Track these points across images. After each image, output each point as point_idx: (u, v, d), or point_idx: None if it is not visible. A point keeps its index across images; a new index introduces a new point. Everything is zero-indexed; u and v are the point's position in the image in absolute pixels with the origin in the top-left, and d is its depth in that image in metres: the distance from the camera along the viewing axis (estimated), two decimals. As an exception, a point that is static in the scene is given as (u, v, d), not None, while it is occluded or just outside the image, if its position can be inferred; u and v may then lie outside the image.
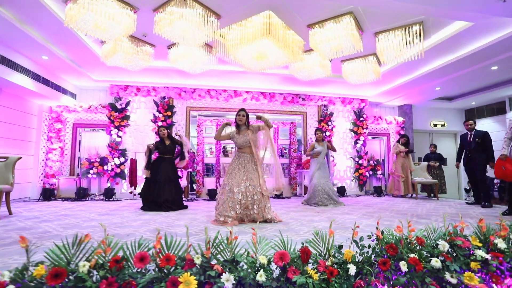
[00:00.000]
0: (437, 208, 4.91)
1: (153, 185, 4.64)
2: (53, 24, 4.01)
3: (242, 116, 3.77)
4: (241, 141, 3.72)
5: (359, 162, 7.44)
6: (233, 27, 4.21)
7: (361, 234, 2.81)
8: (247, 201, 3.51)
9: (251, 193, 3.53)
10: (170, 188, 4.66)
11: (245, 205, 3.51)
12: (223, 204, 3.52)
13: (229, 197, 3.51)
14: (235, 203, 3.47)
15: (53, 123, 6.22)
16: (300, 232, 3.02)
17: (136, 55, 4.78)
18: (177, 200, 4.71)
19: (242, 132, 3.77)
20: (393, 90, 6.98)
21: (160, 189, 4.59)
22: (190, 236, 2.79)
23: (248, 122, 3.84)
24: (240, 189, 3.51)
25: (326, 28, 4.26)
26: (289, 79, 6.36)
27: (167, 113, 6.52)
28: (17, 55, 4.68)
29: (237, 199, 3.47)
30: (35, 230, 3.02)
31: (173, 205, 4.60)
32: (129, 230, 3.05)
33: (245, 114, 3.80)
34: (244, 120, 3.77)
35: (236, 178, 3.58)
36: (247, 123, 3.81)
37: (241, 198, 3.49)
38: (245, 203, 3.51)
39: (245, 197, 3.51)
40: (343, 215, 4.21)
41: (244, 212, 3.55)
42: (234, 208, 3.47)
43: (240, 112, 3.78)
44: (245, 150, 3.74)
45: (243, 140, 3.71)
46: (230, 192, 3.53)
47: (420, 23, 4.20)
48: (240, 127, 3.80)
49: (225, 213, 3.46)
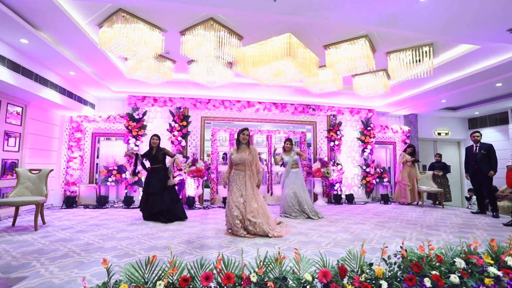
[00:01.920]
0: (444, 218, 5.16)
1: (147, 196, 4.70)
2: (85, 45, 4.26)
3: (247, 135, 3.97)
4: (237, 158, 3.93)
5: (366, 170, 7.70)
6: (253, 45, 4.47)
7: (378, 246, 3.06)
8: (244, 217, 3.73)
9: (245, 209, 3.75)
10: (163, 197, 4.61)
11: (243, 220, 3.74)
12: (228, 219, 3.81)
13: (229, 212, 3.80)
14: (234, 219, 3.72)
15: (74, 132, 6.47)
16: (322, 244, 3.27)
17: (158, 70, 5.03)
18: (172, 209, 4.63)
19: (240, 150, 3.98)
20: (400, 102, 7.24)
21: (153, 200, 4.60)
22: (222, 249, 3.04)
23: (249, 141, 4.07)
24: (236, 205, 3.76)
25: (341, 48, 4.52)
26: (300, 91, 6.61)
27: (183, 122, 6.77)
28: (47, 71, 4.94)
29: (235, 215, 3.72)
30: (77, 242, 3.27)
31: (169, 215, 4.57)
32: (163, 242, 3.30)
33: (249, 134, 4.03)
34: (247, 139, 3.99)
35: (232, 195, 3.85)
36: (248, 142, 4.03)
37: (237, 214, 3.73)
38: (242, 218, 3.74)
39: (240, 214, 3.74)
40: (356, 225, 4.46)
41: (246, 226, 3.76)
42: (235, 223, 3.71)
43: (245, 132, 4.00)
44: (239, 168, 3.94)
45: (239, 157, 3.91)
46: (228, 208, 3.83)
47: (430, 45, 4.45)
48: (240, 145, 4.01)
49: (233, 227, 3.73)
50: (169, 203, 4.63)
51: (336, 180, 7.43)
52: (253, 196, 3.84)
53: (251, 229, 3.69)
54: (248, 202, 3.77)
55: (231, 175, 3.97)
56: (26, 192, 4.14)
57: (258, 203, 3.84)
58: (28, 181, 4.22)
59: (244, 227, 3.73)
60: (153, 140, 4.92)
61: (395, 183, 7.13)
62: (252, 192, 3.84)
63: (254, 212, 3.74)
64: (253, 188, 3.87)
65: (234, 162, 3.95)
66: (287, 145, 5.49)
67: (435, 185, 6.95)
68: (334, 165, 7.45)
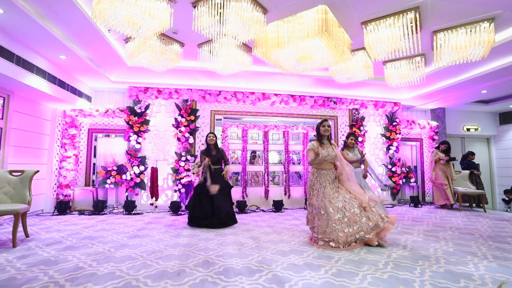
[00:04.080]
0: (498, 225, 4.41)
1: (205, 199, 4.19)
2: (78, 20, 3.52)
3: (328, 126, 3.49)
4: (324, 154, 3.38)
5: (392, 170, 6.95)
6: (277, 24, 3.74)
7: (451, 267, 2.25)
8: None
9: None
10: (225, 200, 4.29)
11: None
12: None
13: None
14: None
15: (67, 128, 5.72)
16: (378, 265, 2.50)
17: (164, 55, 4.28)
18: (231, 213, 4.33)
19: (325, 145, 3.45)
20: (431, 94, 6.49)
21: (214, 203, 4.16)
22: (253, 274, 2.30)
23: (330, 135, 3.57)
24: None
25: (383, 26, 3.78)
26: (321, 81, 5.87)
27: (190, 117, 6.03)
28: (32, 54, 4.19)
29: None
30: (62, 265, 2.52)
31: (227, 218, 4.22)
32: (175, 265, 2.55)
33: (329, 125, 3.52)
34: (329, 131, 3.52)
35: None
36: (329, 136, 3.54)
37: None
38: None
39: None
40: (401, 235, 3.72)
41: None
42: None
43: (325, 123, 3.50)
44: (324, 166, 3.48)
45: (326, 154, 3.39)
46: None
47: (491, 20, 3.70)
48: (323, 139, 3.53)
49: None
50: (229, 207, 4.32)
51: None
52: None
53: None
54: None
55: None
56: (4, 198, 3.40)
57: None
58: (7, 185, 3.48)
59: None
60: (210, 138, 4.48)
61: (432, 182, 6.34)
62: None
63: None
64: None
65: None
66: (351, 141, 4.58)
67: (473, 186, 6.21)
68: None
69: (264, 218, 5.04)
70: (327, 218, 3.17)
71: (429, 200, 7.35)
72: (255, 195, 6.32)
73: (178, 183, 5.84)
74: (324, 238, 3.15)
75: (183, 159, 5.89)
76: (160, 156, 6.01)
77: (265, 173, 6.39)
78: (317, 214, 3.27)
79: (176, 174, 5.88)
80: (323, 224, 3.18)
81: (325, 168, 3.38)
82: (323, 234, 3.16)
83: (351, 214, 3.14)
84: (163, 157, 6.03)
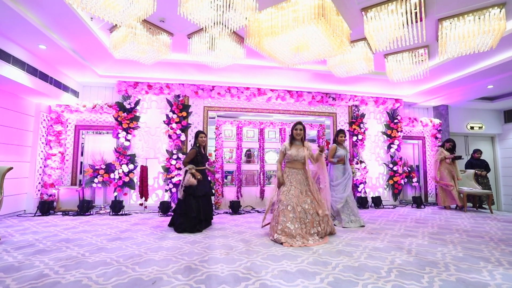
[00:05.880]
0: (509, 227, 4.12)
1: (192, 200, 3.91)
2: (54, 4, 3.24)
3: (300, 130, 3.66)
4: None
5: (394, 169, 6.67)
6: (271, 11, 3.46)
7: (463, 275, 1.98)
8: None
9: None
10: (208, 203, 4.14)
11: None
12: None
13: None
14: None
15: (53, 124, 5.44)
16: (381, 273, 2.22)
17: (151, 45, 4.01)
18: (210, 216, 4.17)
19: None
20: (435, 90, 6.21)
21: (200, 205, 3.94)
22: (239, 283, 2.02)
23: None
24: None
25: (384, 12, 3.51)
26: (319, 75, 5.60)
27: (182, 113, 5.75)
28: (7, 42, 3.91)
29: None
30: (25, 272, 2.24)
31: (206, 222, 4.07)
32: (152, 271, 2.27)
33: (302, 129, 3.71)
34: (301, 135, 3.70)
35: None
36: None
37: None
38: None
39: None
40: (406, 238, 3.44)
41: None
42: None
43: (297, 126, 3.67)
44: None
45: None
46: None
47: (501, 5, 3.43)
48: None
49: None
50: (210, 210, 4.17)
51: (360, 181, 6.41)
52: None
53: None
54: None
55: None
56: (-28, 197, 3.12)
57: None
58: (-23, 183, 3.20)
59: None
60: (201, 138, 4.27)
61: (437, 182, 6.05)
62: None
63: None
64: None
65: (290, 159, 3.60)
66: (341, 138, 4.57)
67: (478, 186, 5.92)
68: (358, 163, 6.43)
69: (258, 219, 4.75)
70: (291, 214, 3.27)
71: (432, 201, 7.07)
72: (250, 195, 6.04)
73: (169, 183, 5.56)
74: (281, 233, 3.19)
75: (174, 157, 5.61)
76: (150, 154, 5.73)
77: (261, 172, 6.11)
78: (282, 210, 3.30)
79: (167, 173, 5.59)
80: (286, 220, 3.24)
81: (296, 168, 3.55)
82: (282, 227, 3.22)
83: (311, 217, 3.33)
84: (153, 155, 5.75)
